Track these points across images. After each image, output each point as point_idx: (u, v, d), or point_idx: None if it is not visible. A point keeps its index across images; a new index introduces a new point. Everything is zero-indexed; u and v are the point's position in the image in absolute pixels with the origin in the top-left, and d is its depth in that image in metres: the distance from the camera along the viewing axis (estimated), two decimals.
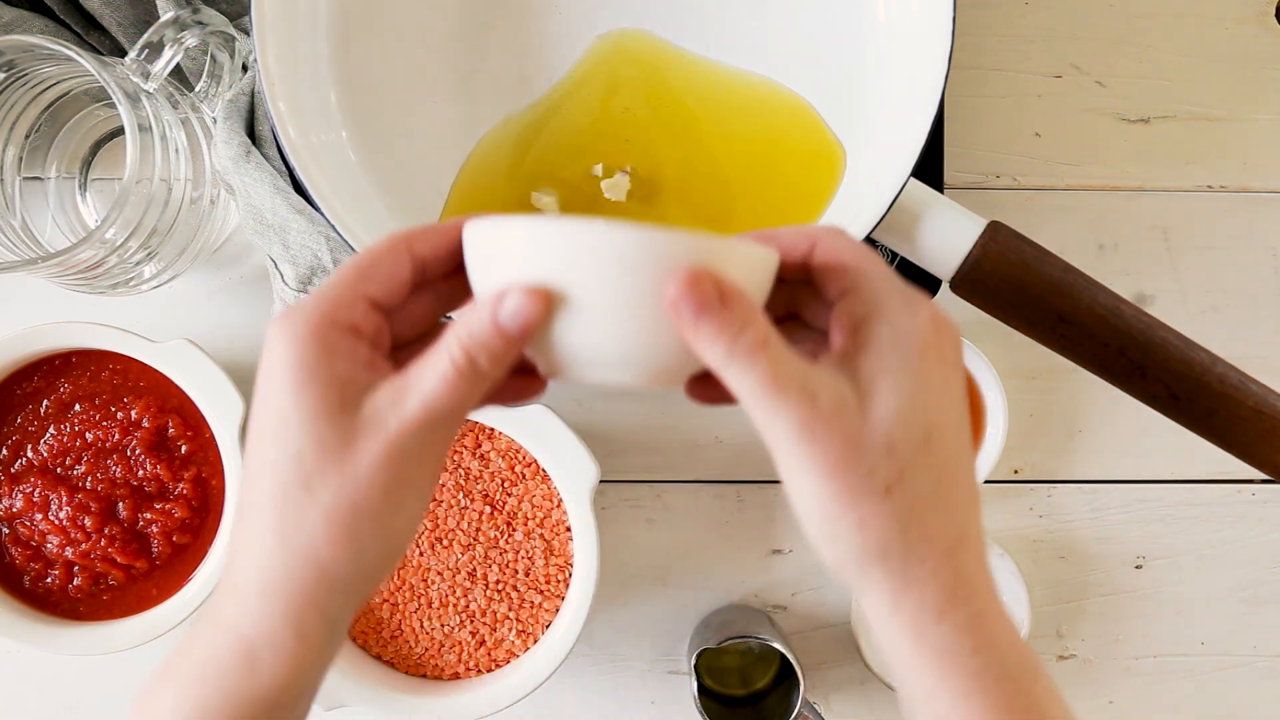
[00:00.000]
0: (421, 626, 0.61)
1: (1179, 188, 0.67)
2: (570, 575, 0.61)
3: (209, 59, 0.57)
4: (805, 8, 0.61)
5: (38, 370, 0.60)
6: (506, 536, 0.61)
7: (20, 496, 0.59)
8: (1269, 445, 0.44)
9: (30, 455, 0.60)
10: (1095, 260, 0.67)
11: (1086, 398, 0.67)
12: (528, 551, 0.61)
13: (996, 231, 0.49)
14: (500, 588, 0.61)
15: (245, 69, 0.59)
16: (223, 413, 0.59)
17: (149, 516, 0.59)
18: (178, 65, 0.58)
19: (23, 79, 0.58)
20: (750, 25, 0.61)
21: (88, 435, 0.59)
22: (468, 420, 0.61)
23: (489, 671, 0.62)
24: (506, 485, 0.61)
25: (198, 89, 0.58)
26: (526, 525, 0.61)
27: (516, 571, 0.61)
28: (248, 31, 0.58)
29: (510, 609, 0.61)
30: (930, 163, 0.61)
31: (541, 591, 0.61)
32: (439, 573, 0.61)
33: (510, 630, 0.61)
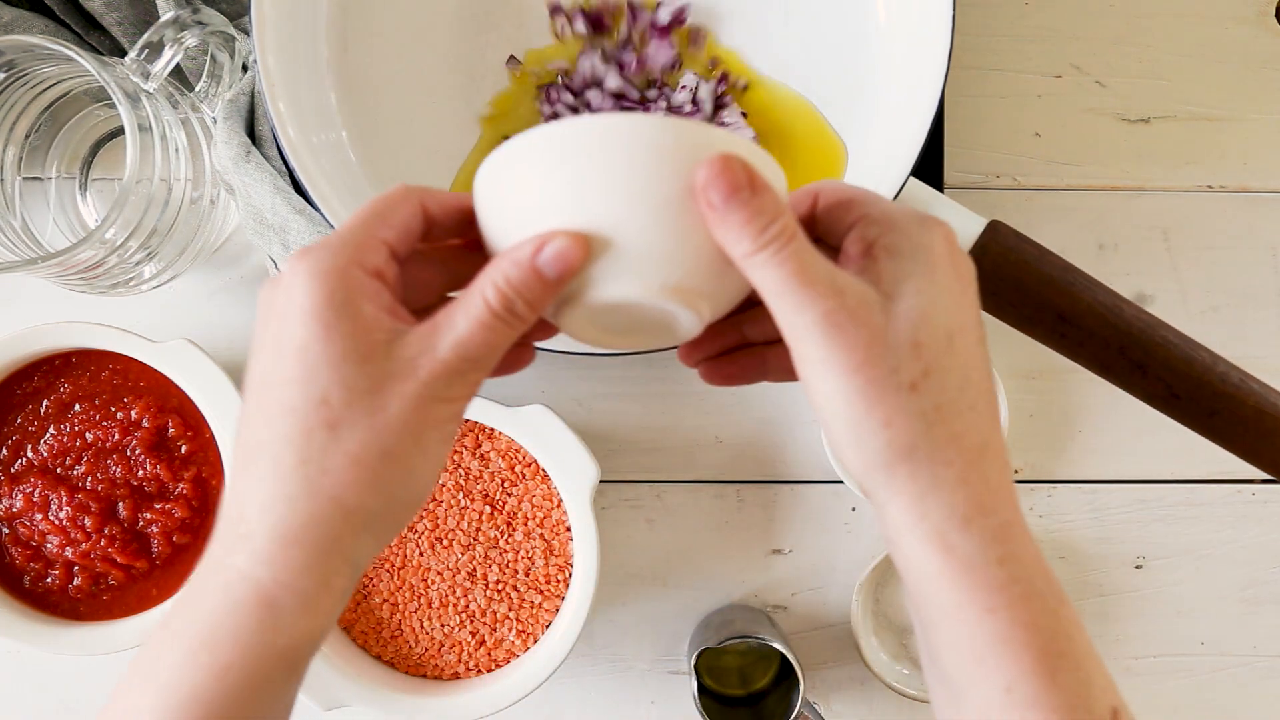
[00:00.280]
0: (421, 626, 0.61)
1: (1179, 188, 0.67)
2: (570, 575, 0.61)
3: (209, 59, 0.57)
4: (806, 8, 0.61)
5: (38, 370, 0.60)
6: (506, 536, 0.61)
7: (20, 496, 0.59)
8: (1270, 444, 0.44)
9: (30, 455, 0.60)
10: (1095, 260, 0.67)
11: (1086, 398, 0.67)
12: (528, 551, 0.61)
13: (996, 231, 0.49)
14: (500, 588, 0.61)
15: (245, 69, 0.59)
16: (223, 413, 0.59)
17: (149, 516, 0.59)
18: (178, 65, 0.58)
19: (23, 79, 0.58)
20: (751, 25, 0.61)
21: (88, 435, 0.59)
22: (467, 420, 0.61)
23: (489, 671, 0.62)
24: (506, 485, 0.61)
25: (198, 89, 0.58)
26: (526, 525, 0.61)
27: (516, 571, 0.61)
28: (248, 31, 0.58)
29: (510, 609, 0.61)
30: (930, 162, 0.61)
31: (541, 591, 0.61)
32: (439, 573, 0.61)
33: (510, 630, 0.61)
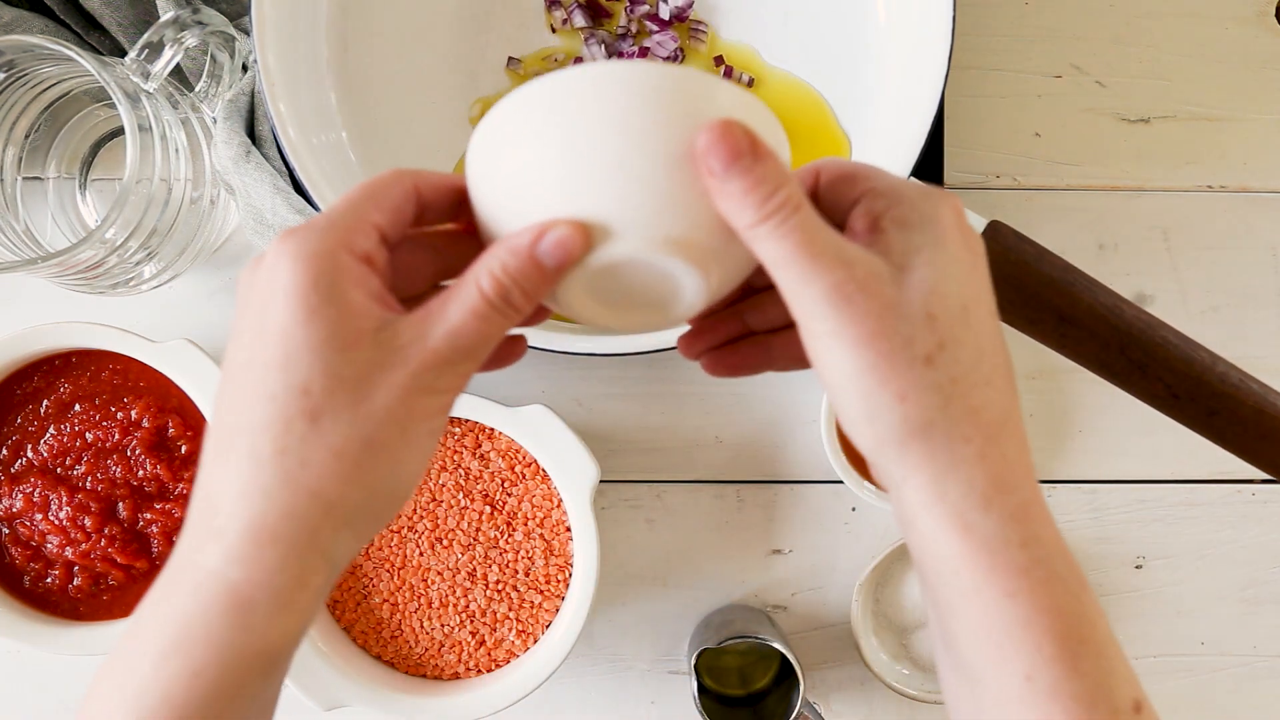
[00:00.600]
0: (421, 626, 0.61)
1: (1179, 188, 0.67)
2: (570, 575, 0.61)
3: (209, 59, 0.57)
4: (806, 7, 0.61)
5: (38, 370, 0.60)
6: (506, 536, 0.61)
7: (20, 496, 0.59)
8: (1270, 445, 0.44)
9: (30, 455, 0.60)
10: (1095, 260, 0.67)
11: (1086, 397, 0.67)
12: (528, 551, 0.61)
13: (996, 231, 0.49)
14: (500, 588, 0.61)
15: (245, 69, 0.59)
16: None
17: (149, 516, 0.59)
18: (178, 65, 0.58)
19: (23, 79, 0.58)
20: (750, 25, 0.61)
21: (88, 435, 0.59)
22: (467, 420, 0.61)
23: (489, 671, 0.62)
24: (506, 485, 0.61)
25: (198, 89, 0.58)
26: (526, 525, 0.61)
27: (516, 571, 0.61)
28: (248, 31, 0.58)
29: (510, 609, 0.61)
30: (930, 162, 0.61)
31: (541, 591, 0.61)
32: (439, 573, 0.61)
33: (510, 630, 0.61)
